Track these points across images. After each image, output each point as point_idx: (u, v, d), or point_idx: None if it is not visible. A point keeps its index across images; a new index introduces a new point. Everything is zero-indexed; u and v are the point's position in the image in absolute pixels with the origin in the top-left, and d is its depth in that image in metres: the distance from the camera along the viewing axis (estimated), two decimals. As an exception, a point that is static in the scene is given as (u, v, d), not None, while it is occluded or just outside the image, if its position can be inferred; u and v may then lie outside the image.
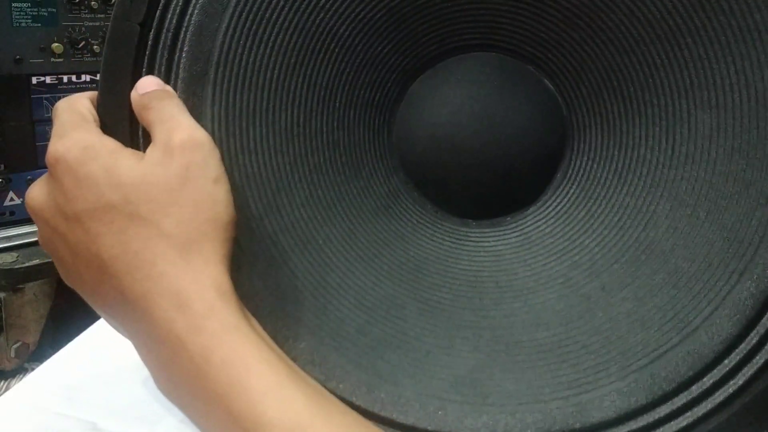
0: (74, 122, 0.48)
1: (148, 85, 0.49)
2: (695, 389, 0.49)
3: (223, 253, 0.46)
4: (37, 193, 0.48)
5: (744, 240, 0.50)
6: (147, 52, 0.49)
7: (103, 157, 0.45)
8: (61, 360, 0.68)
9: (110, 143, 0.47)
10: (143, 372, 0.59)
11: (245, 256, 0.49)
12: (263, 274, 0.50)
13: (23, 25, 1.34)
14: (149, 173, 0.45)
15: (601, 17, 0.52)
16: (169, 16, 0.49)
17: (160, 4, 0.49)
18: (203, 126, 0.48)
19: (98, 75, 1.39)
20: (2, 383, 1.38)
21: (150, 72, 0.49)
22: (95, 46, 1.43)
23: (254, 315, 0.47)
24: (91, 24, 1.42)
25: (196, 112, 0.49)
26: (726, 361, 0.49)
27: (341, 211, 0.54)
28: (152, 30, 0.49)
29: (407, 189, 0.57)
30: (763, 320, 0.49)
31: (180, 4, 0.49)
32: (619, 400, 0.49)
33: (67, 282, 0.49)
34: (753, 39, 0.49)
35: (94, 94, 0.51)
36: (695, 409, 0.49)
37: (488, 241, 0.57)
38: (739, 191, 0.50)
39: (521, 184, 0.57)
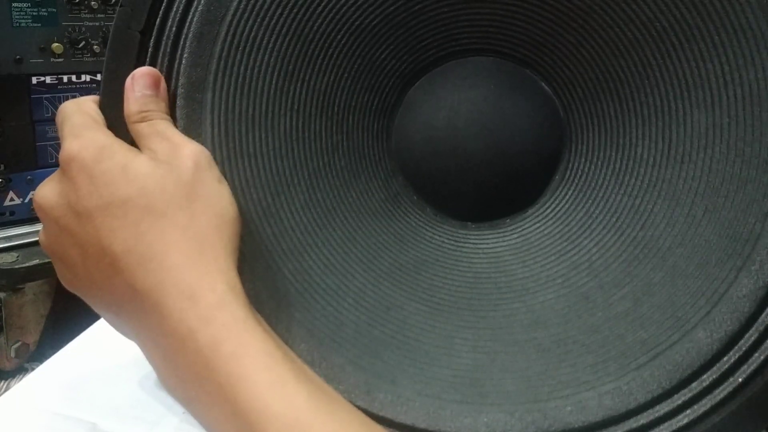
0: (87, 123, 0.49)
1: (144, 83, 0.49)
2: (695, 387, 0.49)
3: (231, 248, 0.47)
4: (47, 191, 0.48)
5: (741, 237, 0.50)
6: (147, 59, 0.50)
7: (119, 155, 0.47)
8: (61, 360, 0.68)
9: (125, 144, 0.48)
10: (143, 372, 0.59)
11: (245, 258, 0.50)
12: (263, 277, 0.51)
13: (23, 25, 1.33)
14: (163, 169, 0.46)
15: (595, 19, 0.52)
16: (169, 23, 0.50)
17: (160, 12, 0.50)
18: (203, 131, 0.50)
19: (98, 75, 1.39)
20: (2, 383, 1.38)
21: None
22: (95, 46, 1.43)
23: (255, 317, 0.48)
24: (91, 24, 1.42)
25: (195, 117, 0.50)
26: (725, 359, 0.49)
27: (341, 215, 0.54)
28: (152, 37, 0.50)
29: (406, 192, 0.58)
30: (762, 317, 0.49)
31: (179, 11, 0.50)
32: (618, 399, 0.50)
33: (70, 286, 0.50)
34: (746, 37, 0.49)
35: (97, 98, 0.51)
36: (695, 407, 0.49)
37: (487, 243, 0.57)
38: (736, 189, 0.50)
39: (520, 186, 0.57)
